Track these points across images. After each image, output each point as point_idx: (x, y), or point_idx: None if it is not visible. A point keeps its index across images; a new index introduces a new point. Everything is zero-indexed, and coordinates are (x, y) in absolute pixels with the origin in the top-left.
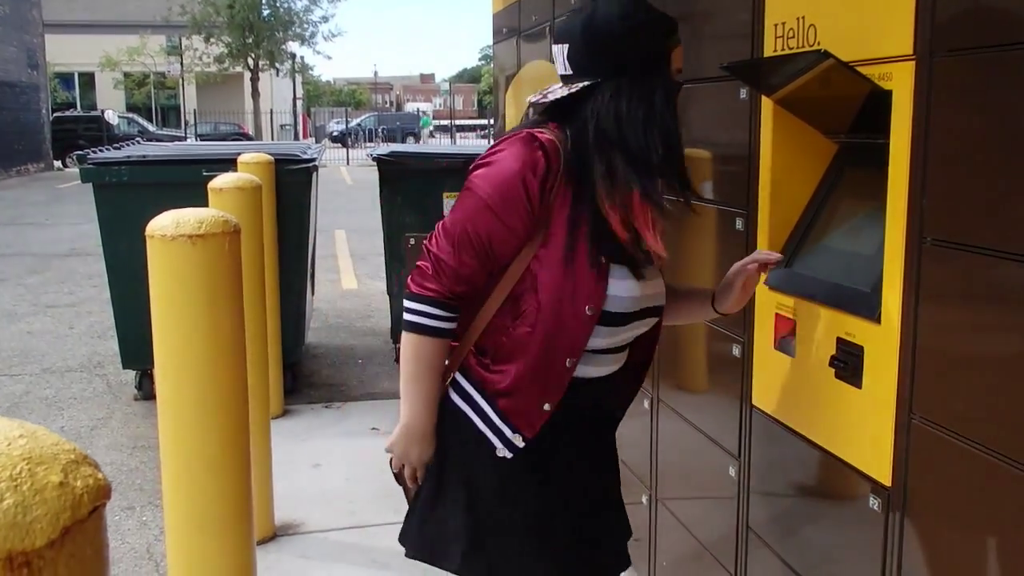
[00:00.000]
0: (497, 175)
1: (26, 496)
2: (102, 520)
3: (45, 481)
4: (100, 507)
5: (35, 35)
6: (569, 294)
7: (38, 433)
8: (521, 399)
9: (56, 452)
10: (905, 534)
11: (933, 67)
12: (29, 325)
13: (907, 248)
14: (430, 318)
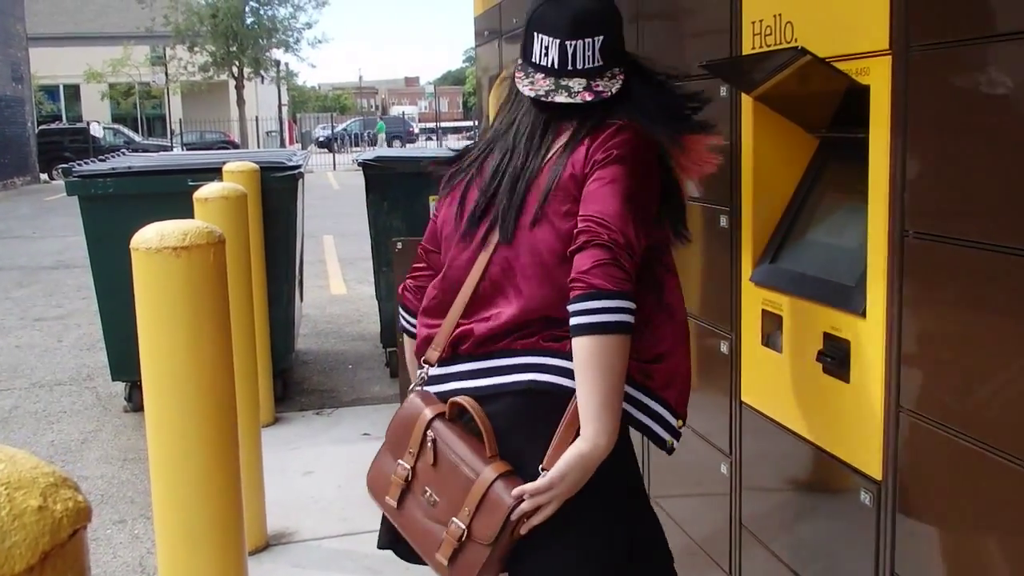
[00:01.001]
0: (637, 158)
1: (4, 521)
2: (83, 543)
3: (24, 506)
4: (80, 530)
5: (19, 48)
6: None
7: (17, 457)
8: (681, 383)
9: (35, 476)
10: (897, 527)
11: (909, 61)
12: (17, 339)
13: (889, 242)
14: (631, 313)
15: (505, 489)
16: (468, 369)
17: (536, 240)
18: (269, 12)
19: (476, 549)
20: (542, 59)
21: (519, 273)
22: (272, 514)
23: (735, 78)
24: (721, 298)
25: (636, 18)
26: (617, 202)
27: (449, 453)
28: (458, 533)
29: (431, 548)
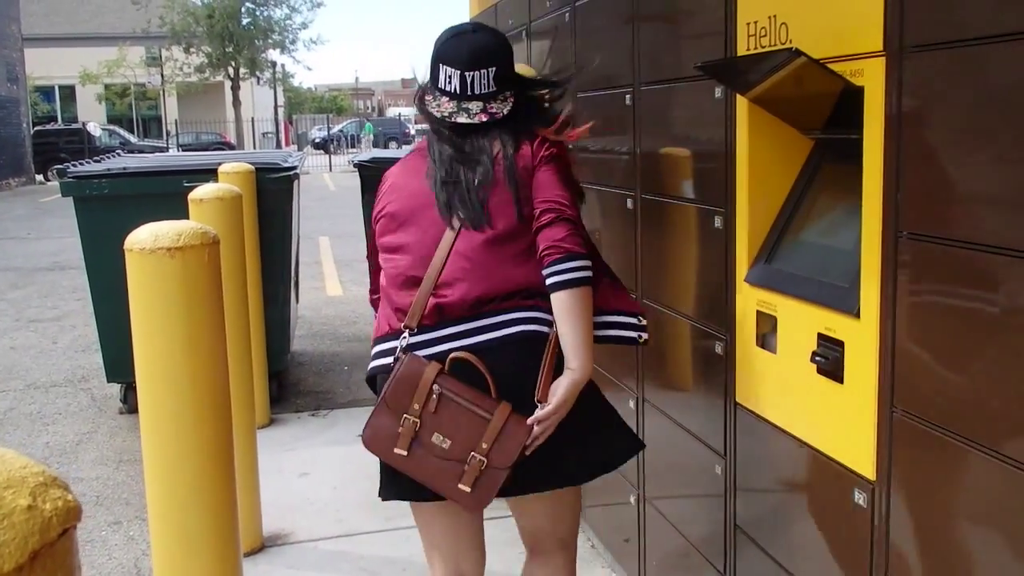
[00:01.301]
0: (563, 156)
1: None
2: (72, 542)
3: (13, 505)
4: (70, 529)
5: (14, 49)
6: None
7: (6, 456)
8: (621, 295)
9: (24, 475)
10: (891, 527)
11: (903, 63)
12: (13, 340)
13: (883, 242)
14: (590, 270)
15: (517, 423)
16: (461, 330)
17: (496, 222)
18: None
19: (495, 473)
20: (447, 86)
21: (486, 250)
22: (268, 515)
23: (730, 79)
24: (715, 299)
25: (632, 20)
26: (564, 188)
27: (459, 401)
28: (479, 464)
29: (448, 481)
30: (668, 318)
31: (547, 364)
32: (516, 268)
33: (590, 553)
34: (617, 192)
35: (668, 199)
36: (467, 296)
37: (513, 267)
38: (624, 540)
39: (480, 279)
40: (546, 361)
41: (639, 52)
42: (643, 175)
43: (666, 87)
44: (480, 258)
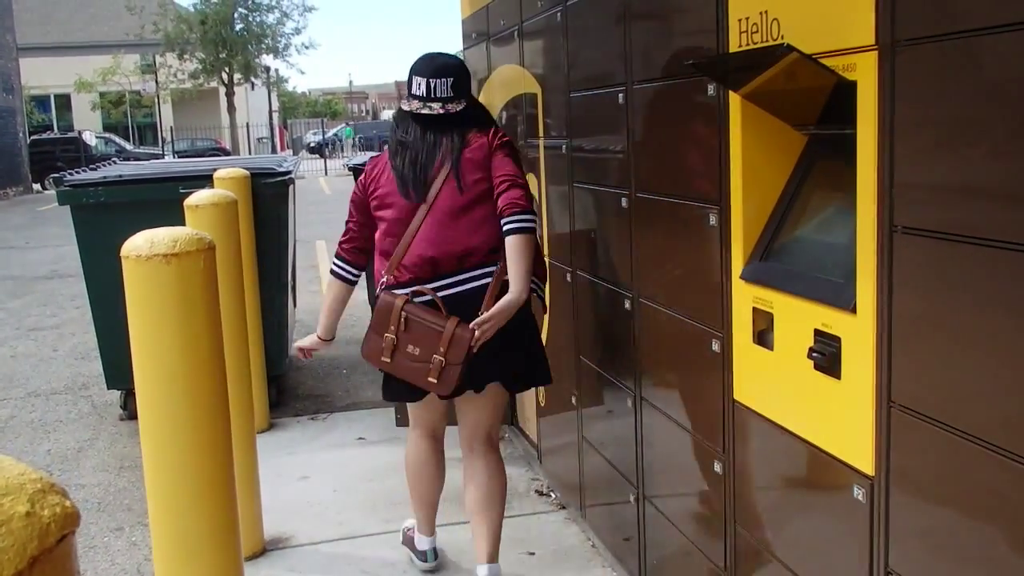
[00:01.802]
0: (513, 143)
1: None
2: (71, 548)
3: (12, 512)
4: (69, 535)
5: (9, 59)
6: None
7: (4, 463)
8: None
9: (23, 482)
10: (890, 522)
11: (895, 56)
12: (13, 349)
13: (878, 237)
14: (535, 222)
15: (463, 330)
16: (449, 281)
17: (466, 193)
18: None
19: (452, 368)
20: (416, 90)
21: (443, 222)
22: (268, 519)
23: (722, 76)
24: (711, 296)
25: (623, 18)
26: (516, 166)
27: (421, 320)
28: (440, 362)
29: (421, 377)
30: (664, 316)
31: (491, 289)
32: (471, 235)
33: (590, 552)
34: (612, 191)
35: (662, 197)
36: (424, 255)
37: (467, 235)
38: (624, 539)
39: (436, 244)
40: (491, 288)
41: (631, 51)
42: (637, 174)
43: (659, 85)
44: (437, 229)
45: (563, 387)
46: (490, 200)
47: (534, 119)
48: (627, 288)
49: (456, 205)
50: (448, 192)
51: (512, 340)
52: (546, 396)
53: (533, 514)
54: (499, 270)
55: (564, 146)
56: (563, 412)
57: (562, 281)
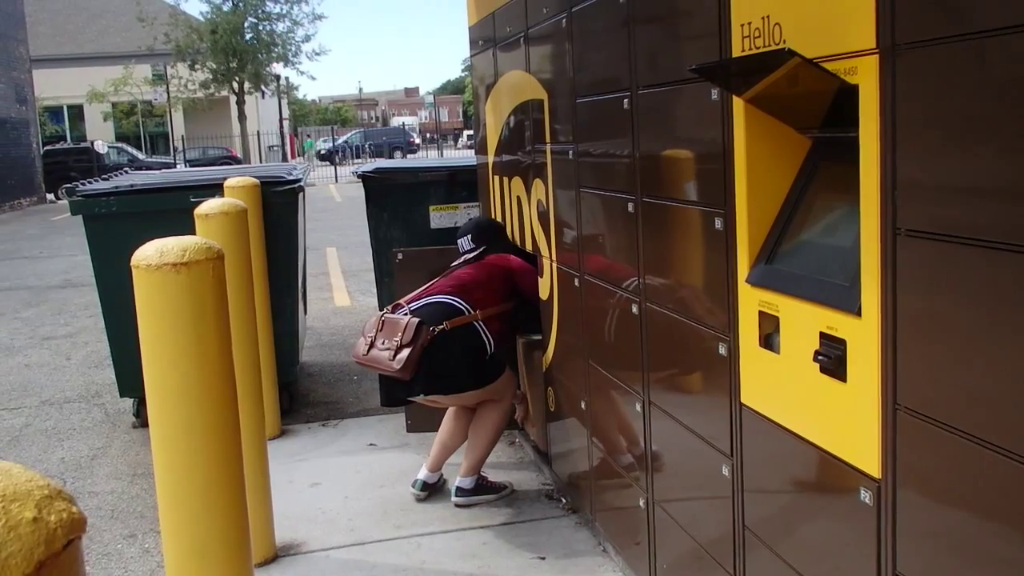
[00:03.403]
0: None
1: (0, 533)
2: (78, 553)
3: (19, 517)
4: (75, 540)
5: (23, 71)
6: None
7: (12, 471)
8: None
9: (30, 488)
10: (897, 525)
11: (896, 60)
12: (27, 358)
13: (882, 240)
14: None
15: (415, 321)
16: (413, 304)
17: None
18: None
19: (407, 349)
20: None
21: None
22: (280, 526)
23: (725, 81)
24: (717, 300)
25: (628, 24)
26: (532, 280)
27: (391, 320)
28: (396, 344)
29: (387, 363)
30: (671, 320)
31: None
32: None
33: (600, 556)
34: (618, 196)
35: (668, 202)
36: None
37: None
38: (634, 543)
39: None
40: (457, 320)
41: (636, 56)
42: (643, 178)
43: (663, 90)
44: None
45: (572, 392)
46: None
47: (541, 124)
48: (634, 292)
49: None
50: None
51: (466, 359)
52: (555, 401)
53: (543, 519)
54: (469, 317)
55: (571, 151)
56: (572, 416)
57: (570, 286)
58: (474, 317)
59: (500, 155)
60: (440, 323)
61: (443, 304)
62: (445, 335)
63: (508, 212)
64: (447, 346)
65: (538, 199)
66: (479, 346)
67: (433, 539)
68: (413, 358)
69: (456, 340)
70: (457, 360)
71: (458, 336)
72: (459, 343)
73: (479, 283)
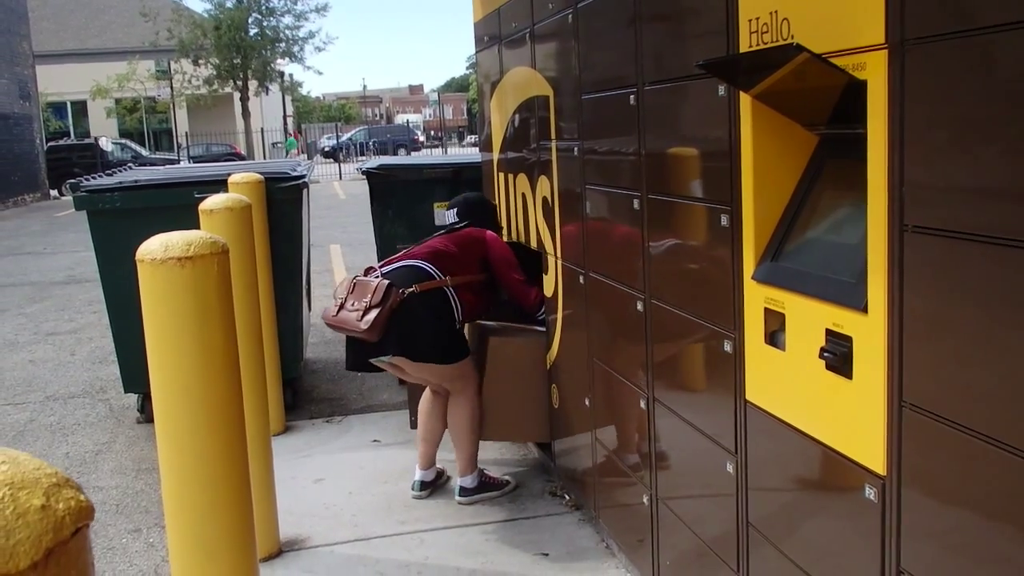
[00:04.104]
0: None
1: (9, 520)
2: (86, 541)
3: (28, 505)
4: (83, 528)
5: (26, 67)
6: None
7: (20, 459)
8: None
9: (38, 476)
10: (902, 522)
11: (905, 55)
12: (31, 353)
13: (889, 236)
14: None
15: (385, 283)
16: (392, 268)
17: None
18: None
19: (375, 310)
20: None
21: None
22: (284, 521)
23: (732, 77)
24: (723, 297)
25: (634, 20)
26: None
27: (362, 282)
28: (365, 305)
29: (354, 324)
30: (676, 317)
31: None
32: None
33: (604, 553)
34: (624, 193)
35: (674, 199)
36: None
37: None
38: (638, 540)
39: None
40: (427, 285)
41: (642, 52)
42: (649, 175)
43: (670, 86)
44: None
45: (576, 389)
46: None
47: (546, 121)
48: (639, 289)
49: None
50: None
51: (432, 326)
52: (559, 398)
53: (547, 515)
54: (442, 282)
55: (576, 148)
56: (576, 413)
57: (575, 283)
58: (444, 283)
59: (505, 152)
60: (410, 286)
61: (414, 268)
62: (415, 297)
63: (513, 209)
64: (415, 309)
65: (543, 196)
66: (447, 312)
67: (436, 535)
68: (381, 319)
69: (425, 304)
70: (425, 325)
71: (427, 300)
72: (428, 307)
73: (452, 253)
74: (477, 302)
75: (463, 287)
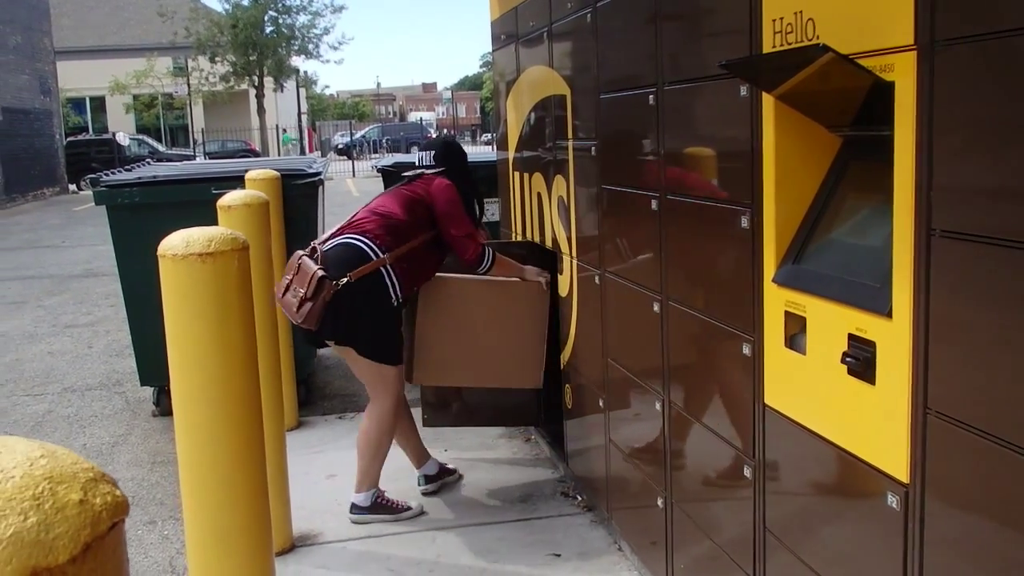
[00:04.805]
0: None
1: (48, 514)
2: (121, 535)
3: (66, 499)
4: (119, 523)
5: (47, 62)
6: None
7: (58, 453)
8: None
9: (76, 471)
10: (925, 531)
11: (935, 57)
12: (50, 345)
13: (915, 240)
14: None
15: (320, 275)
16: (327, 241)
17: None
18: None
19: (307, 305)
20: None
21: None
22: (297, 516)
23: (755, 77)
24: (742, 299)
25: (654, 19)
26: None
27: (305, 266)
28: (301, 294)
29: (293, 312)
30: (694, 319)
31: (367, 270)
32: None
33: (616, 555)
34: (642, 193)
35: (693, 199)
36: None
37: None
38: (651, 542)
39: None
40: (365, 268)
41: (662, 52)
42: (668, 175)
43: (690, 86)
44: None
45: (590, 389)
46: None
47: (563, 121)
48: (656, 291)
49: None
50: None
51: (369, 318)
52: (573, 399)
53: (559, 516)
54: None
55: (593, 148)
56: (590, 414)
57: (591, 283)
58: (381, 262)
59: (521, 151)
60: (343, 274)
61: (352, 248)
62: (349, 286)
63: (528, 208)
64: (352, 298)
65: (559, 195)
66: (384, 295)
67: (448, 533)
68: (315, 312)
69: (361, 291)
70: (362, 315)
71: (363, 286)
72: (363, 294)
73: (398, 222)
74: (418, 271)
75: (402, 258)
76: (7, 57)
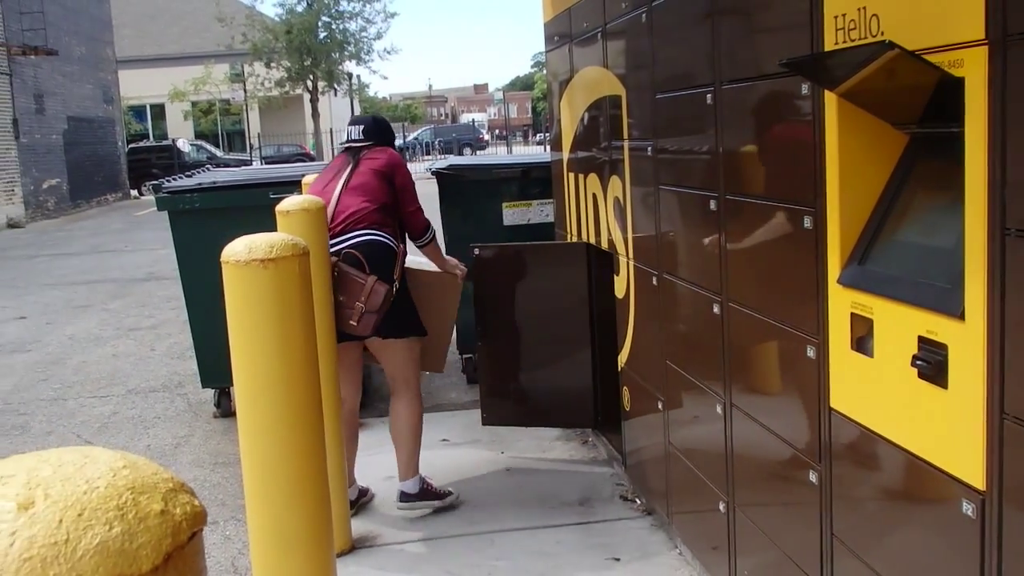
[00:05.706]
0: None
1: (131, 524)
2: (200, 545)
3: (148, 509)
4: (198, 532)
5: (109, 72)
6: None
7: (139, 463)
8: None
9: (156, 481)
10: (1004, 540)
11: (1008, 51)
12: (114, 348)
13: (989, 240)
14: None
15: (380, 285)
16: (345, 237)
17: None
18: (341, 26)
19: (370, 316)
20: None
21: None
22: (355, 518)
23: (817, 75)
24: (806, 301)
25: (711, 17)
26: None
27: (347, 273)
28: (360, 308)
29: (345, 321)
30: (756, 321)
31: (399, 263)
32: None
33: (677, 560)
34: (700, 193)
35: (754, 199)
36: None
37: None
38: (712, 547)
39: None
40: (398, 263)
41: (719, 50)
42: (727, 175)
43: (749, 85)
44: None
45: (649, 392)
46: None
47: (618, 121)
48: (716, 292)
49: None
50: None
51: (396, 304)
52: (631, 400)
53: (618, 519)
54: (401, 250)
55: (650, 148)
56: (649, 417)
57: (648, 284)
58: (402, 253)
59: (575, 152)
60: (385, 276)
61: (380, 245)
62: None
63: (583, 209)
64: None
65: (615, 196)
66: (400, 277)
67: (506, 536)
68: (376, 322)
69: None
70: (395, 306)
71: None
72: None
73: (386, 202)
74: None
75: (402, 238)
76: (72, 67)
